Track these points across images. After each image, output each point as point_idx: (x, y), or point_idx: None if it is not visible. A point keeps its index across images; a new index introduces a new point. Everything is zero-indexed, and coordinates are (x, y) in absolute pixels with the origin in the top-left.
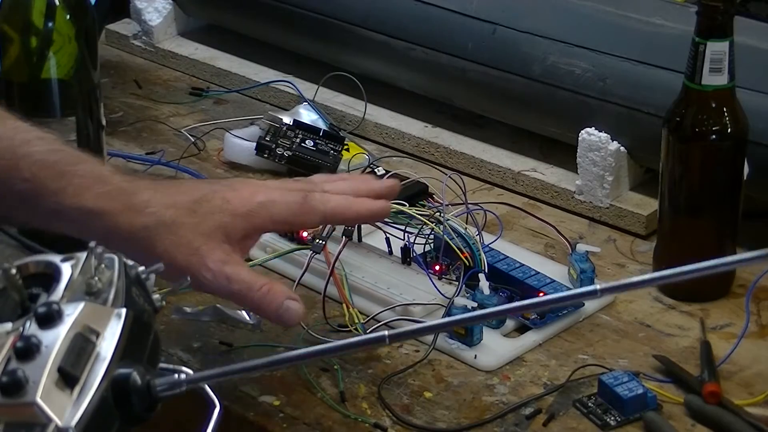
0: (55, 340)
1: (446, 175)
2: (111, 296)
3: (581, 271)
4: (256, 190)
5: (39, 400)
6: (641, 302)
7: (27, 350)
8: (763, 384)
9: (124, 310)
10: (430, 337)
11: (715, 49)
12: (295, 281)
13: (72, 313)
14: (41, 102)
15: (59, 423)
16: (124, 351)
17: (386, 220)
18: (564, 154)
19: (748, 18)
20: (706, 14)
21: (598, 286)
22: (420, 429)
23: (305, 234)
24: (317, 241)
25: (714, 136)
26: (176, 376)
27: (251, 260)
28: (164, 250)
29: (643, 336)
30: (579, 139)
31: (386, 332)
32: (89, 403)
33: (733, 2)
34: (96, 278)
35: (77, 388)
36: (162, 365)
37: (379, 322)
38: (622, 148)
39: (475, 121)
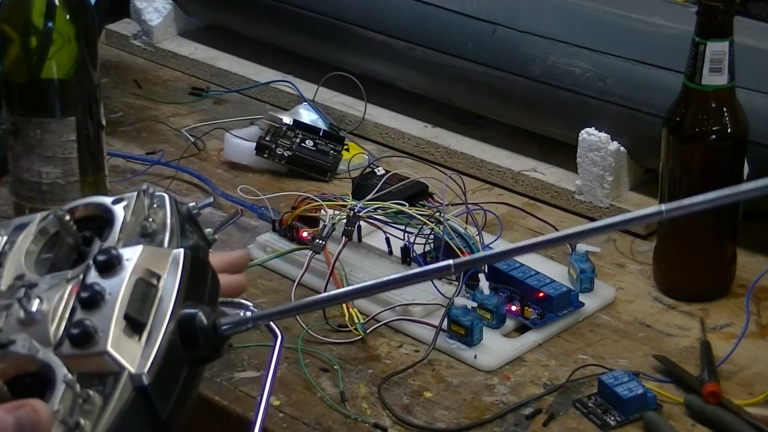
0: (119, 287)
1: (446, 175)
2: (167, 237)
3: (581, 271)
4: None
5: (110, 349)
6: (641, 302)
7: (92, 299)
8: (763, 384)
9: (182, 251)
10: (430, 337)
11: (715, 49)
12: (295, 281)
13: (131, 258)
14: (41, 102)
15: (132, 370)
16: (187, 292)
17: (386, 219)
18: (564, 154)
19: (748, 18)
20: (706, 14)
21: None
22: (420, 429)
23: (305, 234)
24: (317, 241)
25: (714, 136)
26: (241, 313)
27: (252, 260)
28: None
29: (643, 336)
30: (579, 139)
31: (451, 261)
32: (158, 347)
33: (733, 2)
34: (150, 219)
35: (145, 334)
36: (222, 299)
37: (379, 322)
38: (622, 148)
39: (475, 121)
